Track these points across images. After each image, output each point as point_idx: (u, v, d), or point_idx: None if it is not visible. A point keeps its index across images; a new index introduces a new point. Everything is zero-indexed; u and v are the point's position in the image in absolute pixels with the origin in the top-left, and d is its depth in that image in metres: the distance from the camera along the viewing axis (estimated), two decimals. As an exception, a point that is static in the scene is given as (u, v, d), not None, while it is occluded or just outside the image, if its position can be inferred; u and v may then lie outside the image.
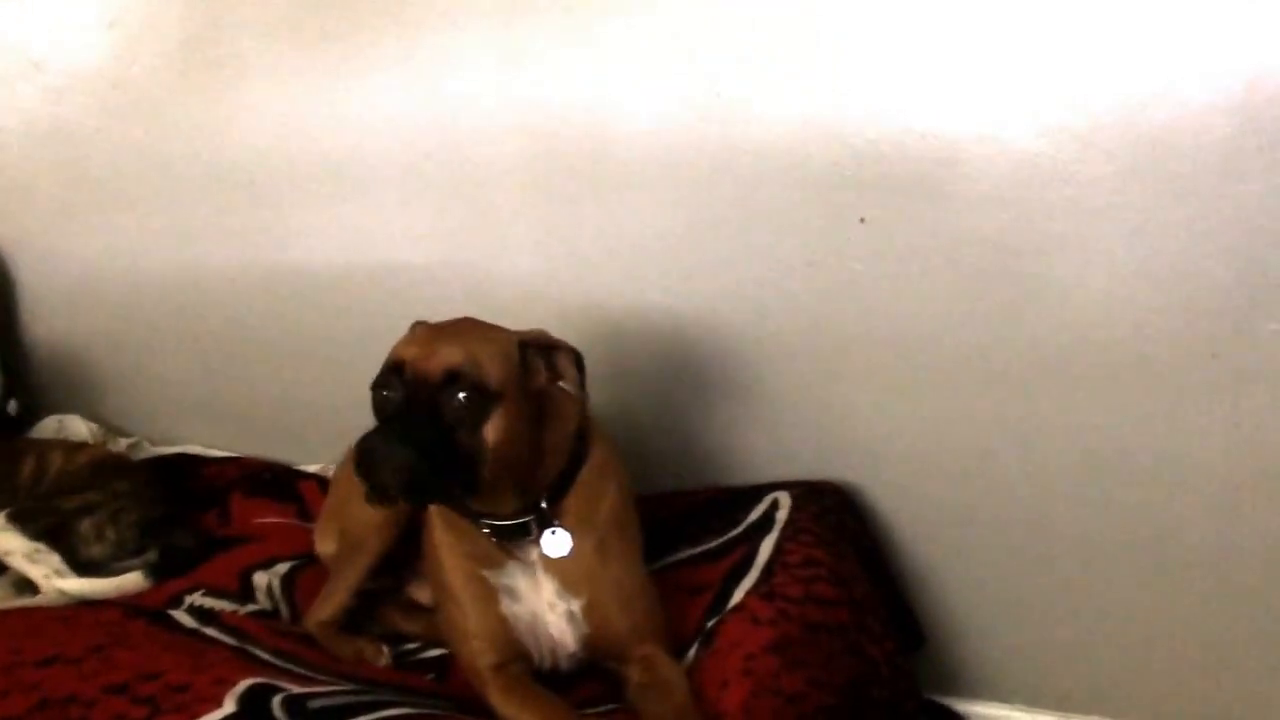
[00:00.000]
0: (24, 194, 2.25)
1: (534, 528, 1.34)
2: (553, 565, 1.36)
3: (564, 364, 1.37)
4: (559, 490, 1.36)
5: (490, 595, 1.36)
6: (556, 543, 1.34)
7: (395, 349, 1.31)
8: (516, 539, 1.35)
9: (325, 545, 1.64)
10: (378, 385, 1.28)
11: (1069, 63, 1.46)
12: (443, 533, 1.40)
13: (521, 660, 1.36)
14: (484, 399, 1.26)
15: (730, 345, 1.75)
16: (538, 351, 1.34)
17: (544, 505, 1.34)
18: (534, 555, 1.36)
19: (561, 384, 1.37)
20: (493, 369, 1.28)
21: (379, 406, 1.27)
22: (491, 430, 1.26)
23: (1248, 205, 1.42)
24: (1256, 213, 1.41)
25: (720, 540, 1.60)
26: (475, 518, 1.35)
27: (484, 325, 1.35)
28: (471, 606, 1.36)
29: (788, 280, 1.68)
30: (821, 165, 1.61)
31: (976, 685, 1.76)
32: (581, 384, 1.36)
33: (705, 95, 1.66)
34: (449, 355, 1.26)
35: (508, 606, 1.36)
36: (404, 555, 1.57)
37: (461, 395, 1.24)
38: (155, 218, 2.13)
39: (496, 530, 1.35)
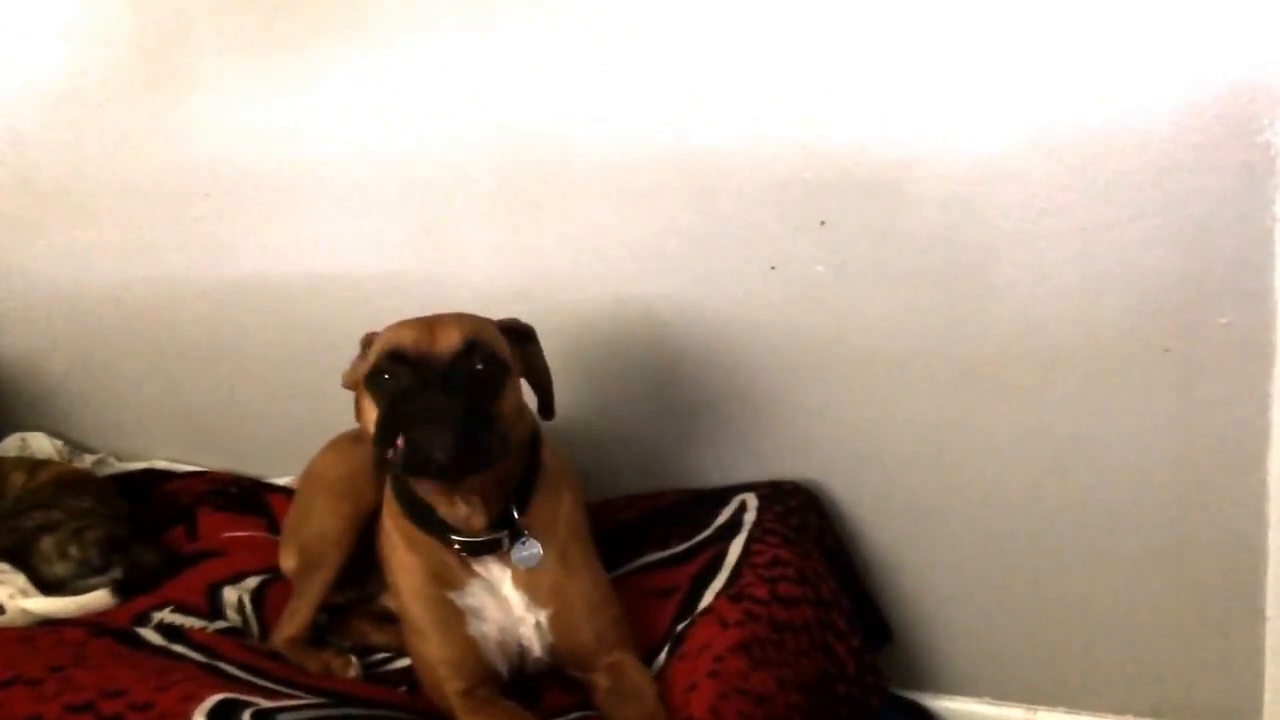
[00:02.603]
0: (-20, 208, 2.23)
1: (506, 541, 1.33)
2: (519, 578, 1.35)
3: (536, 352, 1.38)
4: (522, 500, 1.35)
5: (456, 618, 1.33)
6: (527, 554, 1.33)
7: (382, 341, 1.27)
8: (484, 554, 1.34)
9: (287, 561, 1.63)
10: (376, 372, 1.23)
11: (1017, 69, 1.49)
12: (405, 554, 1.37)
13: (490, 681, 1.34)
14: (500, 369, 1.25)
15: (694, 349, 1.76)
16: (513, 339, 1.34)
17: (515, 515, 1.33)
18: (499, 570, 1.35)
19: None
20: (499, 344, 1.28)
21: (386, 390, 1.22)
22: (507, 403, 1.25)
23: (1190, 201, 1.45)
24: (1199, 208, 1.45)
25: (689, 544, 1.61)
26: (445, 534, 1.33)
27: (460, 313, 1.31)
28: (436, 633, 1.33)
29: (750, 283, 1.70)
30: (781, 170, 1.63)
31: (944, 680, 1.78)
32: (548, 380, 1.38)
33: (667, 102, 1.67)
34: (457, 329, 1.24)
35: (475, 628, 1.33)
36: (371, 566, 1.57)
37: (480, 365, 1.22)
38: (112, 230, 2.11)
39: (467, 546, 1.33)
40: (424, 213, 1.87)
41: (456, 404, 1.17)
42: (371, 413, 1.24)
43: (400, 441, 1.17)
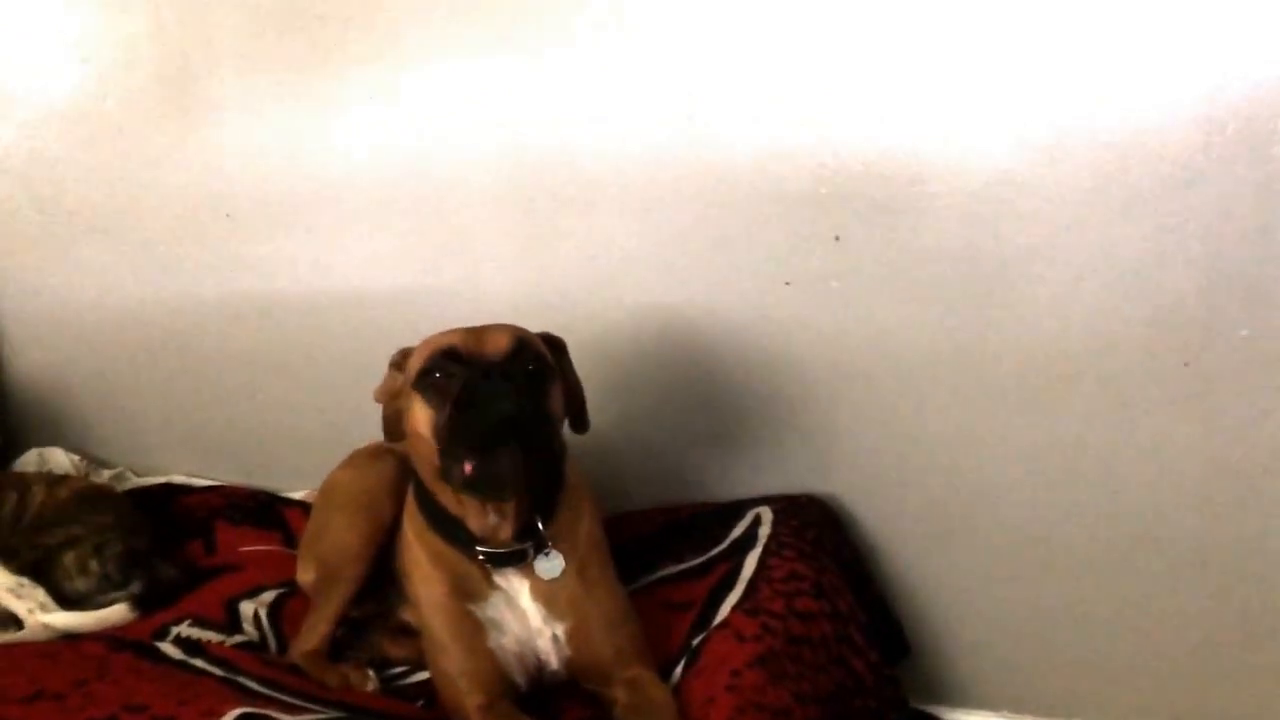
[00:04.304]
0: (1, 227, 2.25)
1: (530, 551, 1.34)
2: (538, 590, 1.35)
3: (567, 365, 1.40)
4: (545, 513, 1.36)
5: (477, 631, 1.34)
6: (550, 565, 1.34)
7: (429, 345, 1.30)
8: (508, 565, 1.35)
9: (305, 574, 1.63)
10: (427, 372, 1.27)
11: (1033, 81, 1.49)
12: (428, 566, 1.38)
13: (509, 694, 1.34)
14: (547, 372, 1.29)
15: (709, 363, 1.77)
16: (552, 351, 1.36)
17: (540, 527, 1.34)
18: (518, 582, 1.36)
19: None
20: (542, 347, 1.32)
21: (439, 386, 1.25)
22: (555, 405, 1.29)
23: (1208, 214, 1.45)
24: (1217, 221, 1.45)
25: (704, 557, 1.61)
26: (470, 545, 1.34)
27: (501, 322, 1.35)
28: (457, 645, 1.33)
29: (765, 298, 1.70)
30: (795, 185, 1.63)
31: (961, 693, 1.77)
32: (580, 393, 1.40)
33: (680, 117, 1.68)
34: (504, 333, 1.28)
35: (495, 640, 1.34)
36: (389, 580, 1.57)
37: (530, 366, 1.26)
38: (132, 250, 2.13)
39: (491, 557, 1.34)
40: (439, 228, 1.88)
41: (524, 407, 1.20)
42: (423, 413, 1.27)
43: (469, 467, 1.20)
